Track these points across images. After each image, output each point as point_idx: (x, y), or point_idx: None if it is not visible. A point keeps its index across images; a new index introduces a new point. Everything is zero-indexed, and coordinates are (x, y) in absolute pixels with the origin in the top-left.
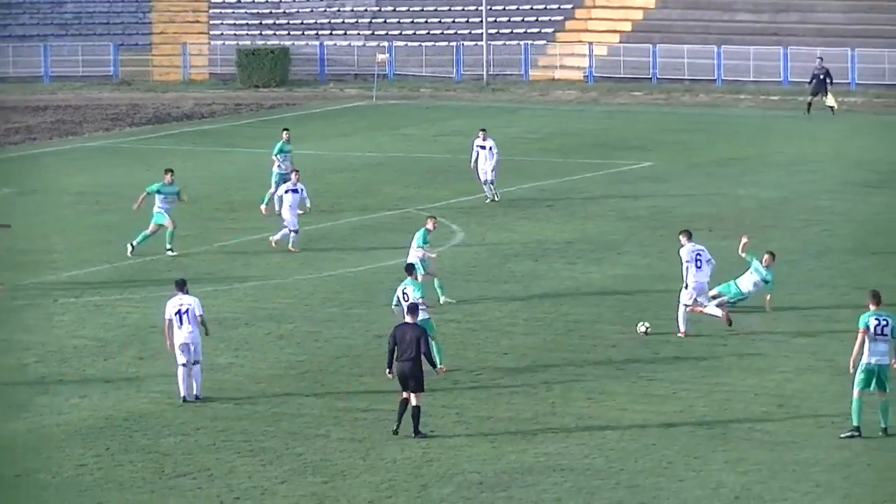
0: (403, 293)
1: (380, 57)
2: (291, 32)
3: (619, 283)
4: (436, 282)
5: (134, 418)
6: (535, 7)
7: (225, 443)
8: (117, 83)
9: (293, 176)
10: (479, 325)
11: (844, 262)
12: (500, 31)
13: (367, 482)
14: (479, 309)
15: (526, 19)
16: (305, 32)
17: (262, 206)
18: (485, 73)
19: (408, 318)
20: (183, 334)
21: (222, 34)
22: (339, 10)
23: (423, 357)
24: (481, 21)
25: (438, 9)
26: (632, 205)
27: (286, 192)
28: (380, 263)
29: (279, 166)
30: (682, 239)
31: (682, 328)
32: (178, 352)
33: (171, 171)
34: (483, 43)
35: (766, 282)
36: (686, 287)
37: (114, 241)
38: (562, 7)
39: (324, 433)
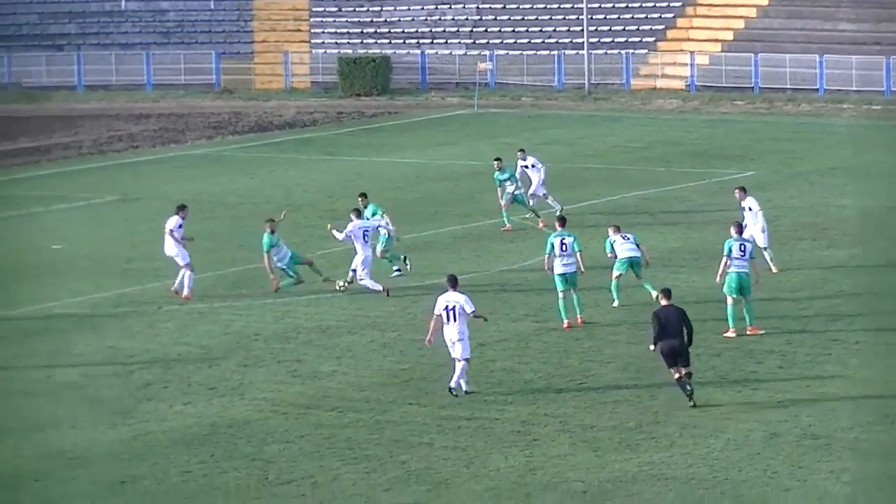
0: (562, 244)
1: (481, 66)
2: (393, 41)
3: (722, 292)
4: (647, 285)
5: (238, 425)
6: (636, 16)
7: (329, 450)
8: (219, 91)
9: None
10: (582, 334)
11: None
12: (602, 40)
13: (471, 490)
14: (583, 317)
15: (627, 28)
16: (407, 41)
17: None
18: (586, 81)
19: (663, 301)
20: (450, 330)
21: (323, 42)
22: (440, 19)
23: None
24: (582, 30)
25: (540, 17)
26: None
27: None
28: (482, 271)
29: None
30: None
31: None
32: (449, 345)
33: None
34: (584, 52)
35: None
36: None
37: (216, 249)
38: (663, 16)
39: (427, 441)
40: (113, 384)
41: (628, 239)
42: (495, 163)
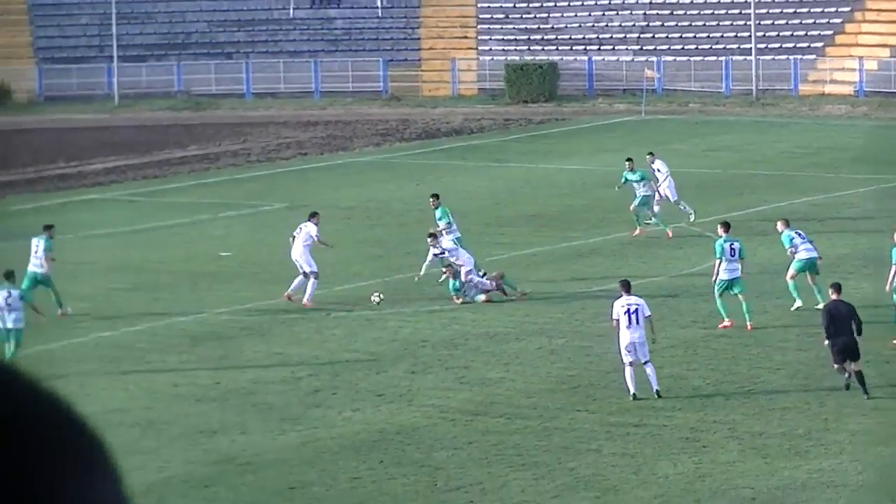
0: (731, 248)
1: (648, 73)
2: (560, 47)
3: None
4: (818, 294)
5: (406, 432)
6: (804, 21)
7: (497, 457)
8: (387, 99)
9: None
10: (751, 341)
11: None
12: (770, 46)
13: (640, 497)
14: (752, 324)
15: (795, 33)
16: (574, 47)
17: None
18: (754, 87)
19: (833, 296)
20: (630, 334)
21: (491, 49)
22: (607, 25)
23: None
24: (750, 35)
25: (707, 23)
26: None
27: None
28: (650, 278)
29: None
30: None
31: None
32: (624, 351)
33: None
34: (752, 58)
35: None
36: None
37: (384, 256)
38: (831, 21)
39: (596, 448)
40: (282, 390)
41: (805, 239)
42: (627, 163)
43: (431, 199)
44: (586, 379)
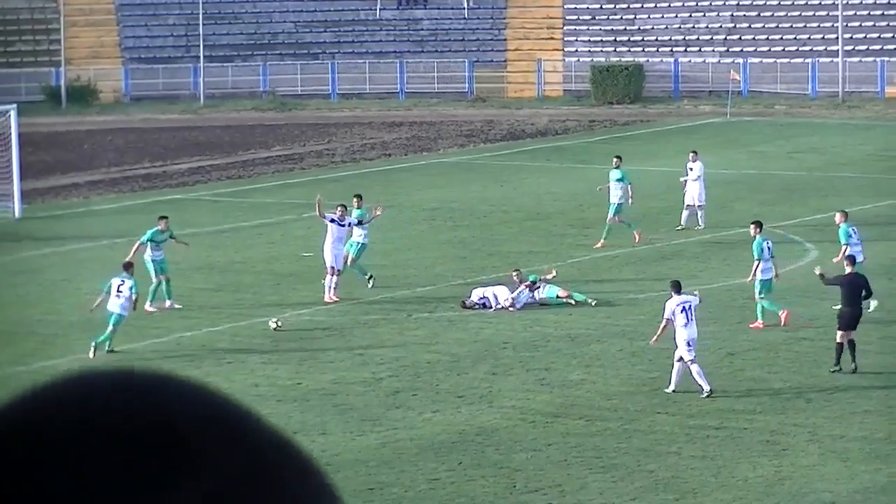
0: (768, 247)
1: (734, 75)
2: (646, 49)
3: None
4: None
5: (486, 433)
6: (891, 24)
7: (576, 459)
8: (472, 100)
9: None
10: (832, 343)
11: None
12: (857, 48)
13: (719, 500)
14: (832, 327)
15: (883, 36)
16: (660, 49)
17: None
18: (840, 89)
19: (848, 269)
20: (687, 331)
21: (577, 51)
22: (693, 27)
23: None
24: (837, 37)
25: (794, 25)
26: None
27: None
28: (732, 280)
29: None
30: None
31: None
32: (685, 348)
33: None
34: (839, 60)
35: None
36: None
37: (468, 257)
38: None
39: (675, 450)
40: (362, 391)
41: (858, 241)
42: (614, 160)
43: (355, 200)
44: (667, 381)
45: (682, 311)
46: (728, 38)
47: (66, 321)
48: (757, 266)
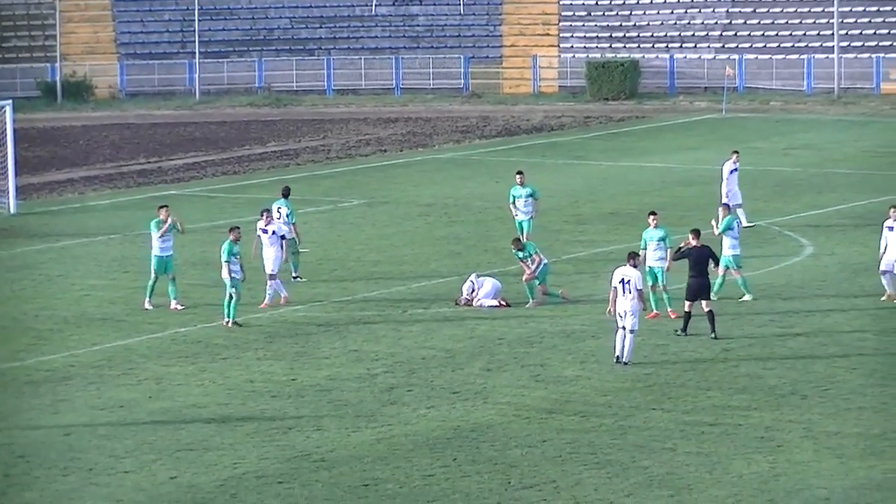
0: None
1: (729, 71)
2: (641, 45)
3: None
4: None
5: (481, 429)
6: (887, 20)
7: (571, 455)
8: (468, 95)
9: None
10: (828, 340)
11: None
12: (852, 44)
13: (714, 496)
14: (828, 323)
15: (878, 32)
16: (655, 45)
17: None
18: (835, 86)
19: (693, 241)
20: (624, 302)
21: (572, 47)
22: (689, 23)
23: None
24: (832, 34)
25: (790, 21)
26: None
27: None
28: (728, 277)
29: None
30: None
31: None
32: (617, 316)
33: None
34: (834, 56)
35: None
36: None
37: (462, 253)
38: None
39: (670, 447)
40: (357, 387)
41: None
42: (517, 177)
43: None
44: (662, 377)
45: (620, 283)
46: (724, 33)
47: (62, 317)
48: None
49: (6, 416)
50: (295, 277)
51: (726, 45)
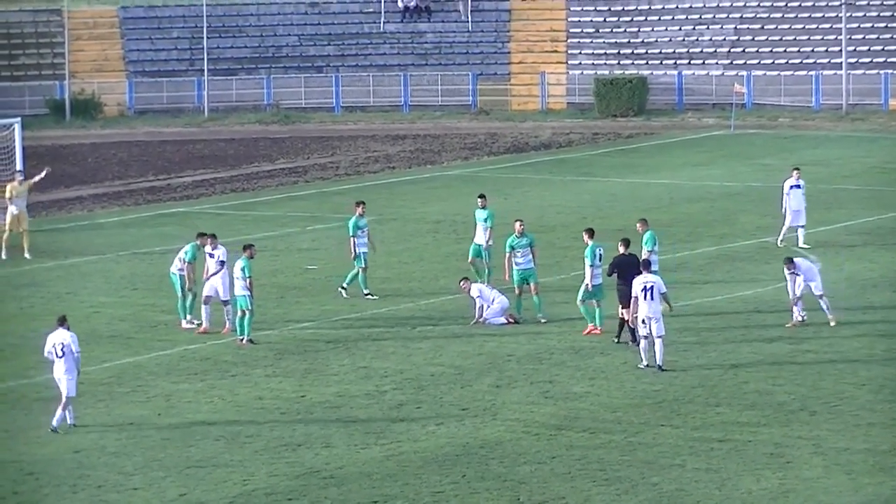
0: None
1: (737, 88)
2: (650, 62)
3: None
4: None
5: (490, 446)
6: (895, 36)
7: (580, 471)
8: (475, 112)
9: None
10: (837, 356)
11: None
12: (860, 61)
13: None
14: (836, 339)
15: (886, 48)
16: (664, 62)
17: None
18: (844, 102)
19: (621, 249)
20: (649, 308)
21: (580, 63)
22: (697, 40)
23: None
24: (841, 50)
25: (798, 38)
26: None
27: None
28: (736, 293)
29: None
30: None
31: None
32: (640, 323)
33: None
34: (843, 72)
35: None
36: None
37: (471, 270)
38: None
39: (679, 463)
40: (366, 404)
41: None
42: (479, 200)
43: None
44: (671, 394)
45: (642, 290)
46: (732, 50)
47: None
48: (591, 273)
49: (15, 434)
50: (366, 294)
51: (734, 62)
